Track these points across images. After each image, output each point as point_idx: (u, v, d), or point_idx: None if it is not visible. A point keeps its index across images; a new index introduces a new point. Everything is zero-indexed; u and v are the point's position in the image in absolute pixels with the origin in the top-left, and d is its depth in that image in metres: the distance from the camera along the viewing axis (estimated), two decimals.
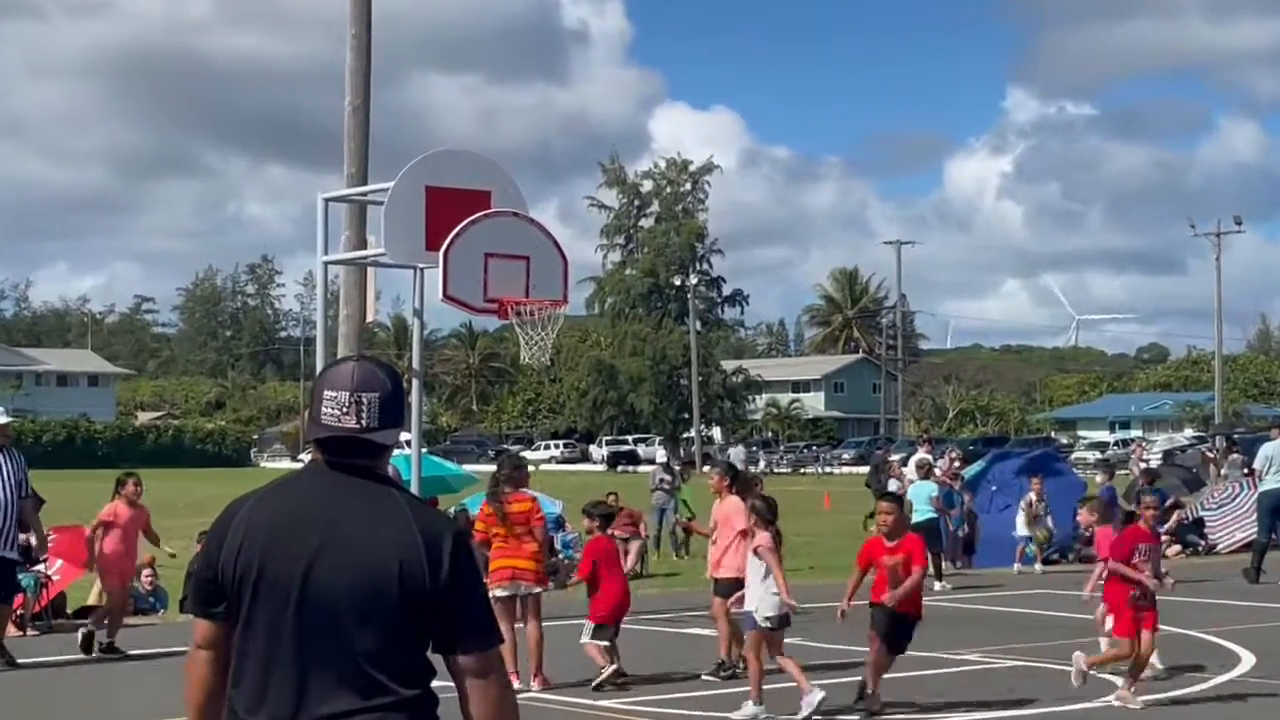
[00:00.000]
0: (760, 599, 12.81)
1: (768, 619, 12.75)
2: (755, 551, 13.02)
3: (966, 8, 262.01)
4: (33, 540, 18.82)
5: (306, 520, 4.19)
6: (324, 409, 4.23)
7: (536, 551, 14.27)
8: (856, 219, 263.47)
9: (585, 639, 14.42)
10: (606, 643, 14.35)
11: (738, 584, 13.70)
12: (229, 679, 4.25)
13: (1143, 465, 35.68)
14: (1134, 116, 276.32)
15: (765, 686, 12.85)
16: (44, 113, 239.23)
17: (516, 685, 13.24)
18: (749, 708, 12.74)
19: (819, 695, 12.62)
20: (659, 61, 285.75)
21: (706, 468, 22.30)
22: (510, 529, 14.13)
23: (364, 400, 4.22)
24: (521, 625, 14.12)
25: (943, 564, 24.52)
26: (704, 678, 14.75)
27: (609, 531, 15.46)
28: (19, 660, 15.46)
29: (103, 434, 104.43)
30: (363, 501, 4.20)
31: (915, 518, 23.32)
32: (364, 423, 4.22)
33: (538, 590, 14.35)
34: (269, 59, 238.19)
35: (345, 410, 4.22)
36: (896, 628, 12.91)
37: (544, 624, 14.49)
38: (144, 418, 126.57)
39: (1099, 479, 28.18)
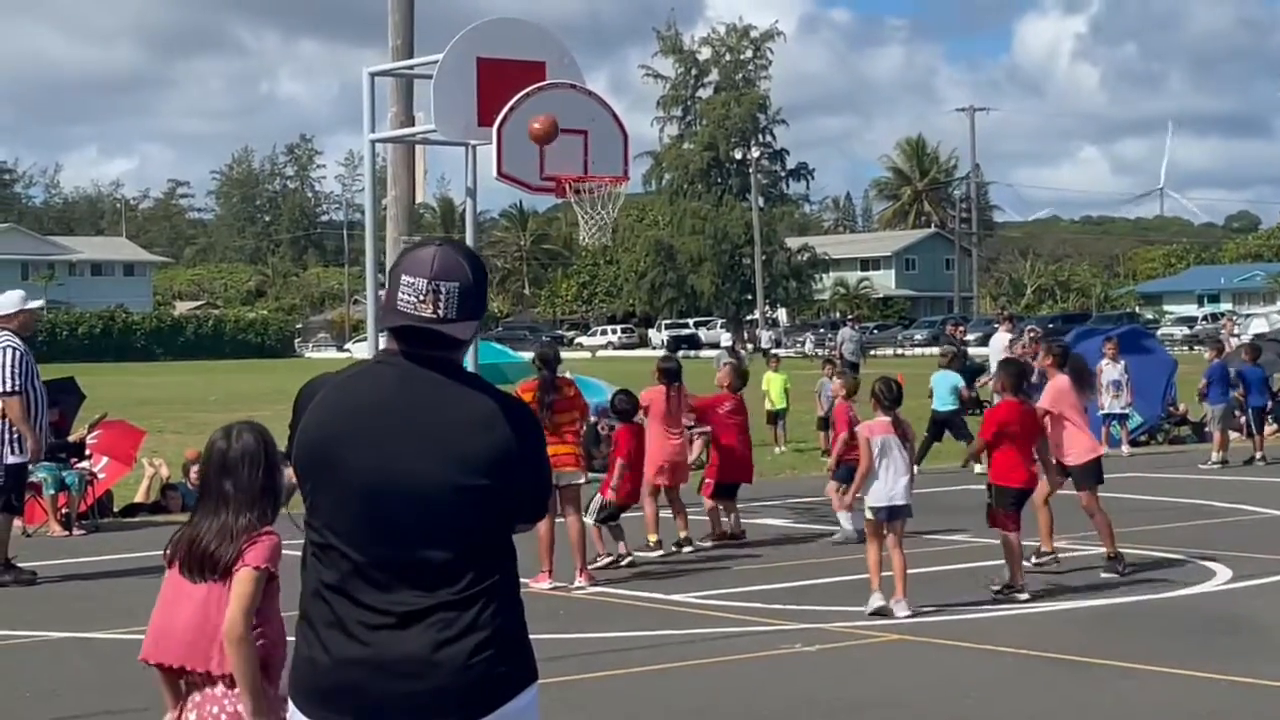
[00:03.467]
0: (872, 489, 12.68)
1: (872, 509, 12.64)
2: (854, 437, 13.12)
3: None
4: (71, 438, 19.06)
5: (387, 408, 4.20)
6: (400, 295, 4.17)
7: (576, 438, 14.37)
8: (923, 85, 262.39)
9: (591, 519, 14.86)
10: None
11: (1093, 467, 14.60)
12: (305, 579, 4.31)
13: (1234, 340, 35.41)
14: None
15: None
16: None
17: (550, 584, 13.67)
18: (875, 599, 12.51)
19: (877, 601, 12.45)
20: None
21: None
22: (553, 416, 13.96)
23: (443, 289, 4.15)
24: (561, 520, 13.93)
25: None
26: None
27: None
28: (66, 560, 15.67)
29: (141, 325, 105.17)
30: (444, 392, 4.21)
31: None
32: (441, 313, 4.16)
33: (580, 480, 14.24)
34: None
35: (422, 298, 4.15)
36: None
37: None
38: (182, 307, 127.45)
39: (1207, 355, 27.91)
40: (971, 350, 37.48)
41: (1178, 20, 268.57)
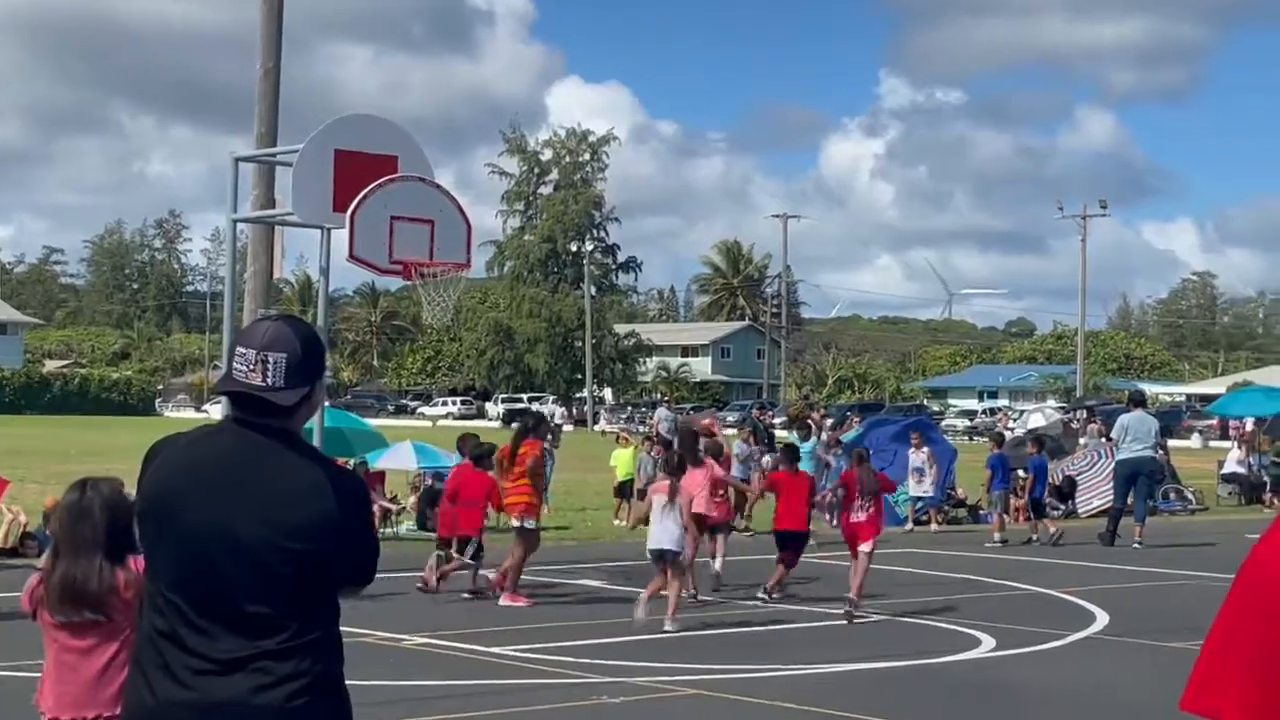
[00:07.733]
0: (651, 535, 14.88)
1: (650, 550, 14.88)
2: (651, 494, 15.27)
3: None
4: None
5: (222, 470, 4.16)
6: (235, 364, 4.21)
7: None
8: (740, 192, 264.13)
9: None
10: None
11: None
12: (139, 625, 4.24)
13: (1008, 433, 36.20)
14: (999, 105, 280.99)
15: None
16: None
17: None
18: (640, 611, 14.52)
19: (638, 614, 14.41)
20: (559, 37, 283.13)
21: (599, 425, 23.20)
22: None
23: (270, 359, 4.17)
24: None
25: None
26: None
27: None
28: None
29: (10, 380, 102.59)
30: (278, 459, 4.18)
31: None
32: (269, 381, 4.16)
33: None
34: (179, 21, 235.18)
35: (252, 367, 4.17)
36: None
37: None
38: (51, 366, 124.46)
39: (989, 447, 28.59)
40: (778, 433, 37.84)
41: (964, 148, 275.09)
